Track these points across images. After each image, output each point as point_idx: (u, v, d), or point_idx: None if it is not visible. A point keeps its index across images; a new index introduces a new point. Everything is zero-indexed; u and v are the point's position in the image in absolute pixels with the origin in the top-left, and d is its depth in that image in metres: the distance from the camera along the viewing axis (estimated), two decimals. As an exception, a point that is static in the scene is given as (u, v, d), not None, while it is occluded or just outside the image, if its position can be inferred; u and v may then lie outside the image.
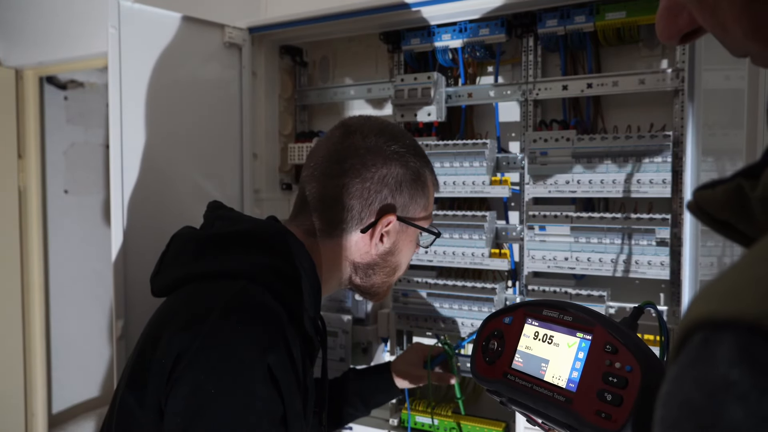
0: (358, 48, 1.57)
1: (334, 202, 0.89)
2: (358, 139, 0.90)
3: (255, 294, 0.78)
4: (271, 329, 0.75)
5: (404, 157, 0.90)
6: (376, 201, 0.89)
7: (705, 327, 0.27)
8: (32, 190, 2.29)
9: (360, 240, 0.91)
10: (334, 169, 0.89)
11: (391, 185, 0.89)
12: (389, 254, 0.94)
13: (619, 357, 0.65)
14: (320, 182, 0.90)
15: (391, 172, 0.89)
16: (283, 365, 0.74)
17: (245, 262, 0.82)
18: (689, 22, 0.40)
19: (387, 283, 0.98)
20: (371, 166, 0.88)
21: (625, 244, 1.15)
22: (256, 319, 0.75)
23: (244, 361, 0.72)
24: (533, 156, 1.23)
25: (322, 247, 0.92)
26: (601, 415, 0.64)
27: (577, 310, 0.73)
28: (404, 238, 0.94)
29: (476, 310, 1.30)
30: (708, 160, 1.09)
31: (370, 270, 0.94)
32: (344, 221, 0.89)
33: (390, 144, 0.90)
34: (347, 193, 0.88)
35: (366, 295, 0.99)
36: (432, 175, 0.97)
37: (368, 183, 0.88)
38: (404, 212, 0.92)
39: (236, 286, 0.79)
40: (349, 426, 1.47)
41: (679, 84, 1.13)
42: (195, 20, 1.38)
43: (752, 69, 0.79)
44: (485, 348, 0.80)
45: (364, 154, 0.89)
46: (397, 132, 0.94)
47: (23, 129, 2.25)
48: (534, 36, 1.27)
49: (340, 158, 0.89)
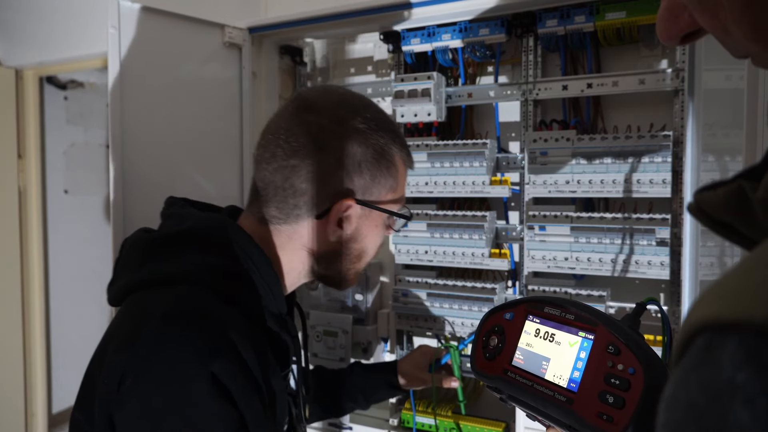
0: (358, 48, 1.57)
1: (285, 187, 0.80)
2: (312, 114, 0.81)
3: (194, 299, 0.73)
4: (211, 336, 0.69)
5: (364, 134, 0.81)
6: (332, 183, 0.80)
7: (710, 329, 0.26)
8: (32, 190, 2.29)
9: (316, 227, 0.83)
10: (283, 150, 0.80)
11: (348, 166, 0.80)
12: (351, 241, 0.85)
13: (622, 358, 0.65)
14: (269, 164, 0.81)
15: (349, 151, 0.80)
16: (231, 371, 0.68)
17: (187, 265, 0.76)
18: (690, 23, 0.40)
19: (353, 270, 0.90)
20: (326, 146, 0.79)
21: (625, 244, 1.15)
22: (194, 326, 0.70)
23: (187, 375, 0.67)
24: (533, 156, 1.24)
25: (276, 236, 0.84)
26: (603, 417, 0.63)
27: (580, 308, 0.72)
28: (368, 223, 0.86)
29: (476, 310, 1.30)
30: (708, 160, 1.09)
31: (332, 258, 0.86)
32: (297, 207, 0.81)
33: (348, 119, 0.81)
34: (298, 176, 0.79)
35: (332, 284, 0.91)
36: (402, 151, 0.87)
37: (322, 165, 0.79)
38: (366, 195, 0.83)
39: (174, 293, 0.73)
40: (349, 426, 1.48)
41: (679, 84, 1.13)
42: (195, 20, 1.38)
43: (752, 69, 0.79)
44: (485, 343, 0.80)
45: (317, 132, 0.79)
46: (358, 105, 0.84)
47: (23, 129, 2.25)
48: (534, 36, 1.27)
49: (290, 137, 0.80)
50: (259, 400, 0.72)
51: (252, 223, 0.85)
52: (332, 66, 1.61)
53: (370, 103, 0.87)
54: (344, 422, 1.48)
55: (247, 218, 0.86)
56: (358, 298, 1.49)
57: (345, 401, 1.20)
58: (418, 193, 1.36)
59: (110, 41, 1.21)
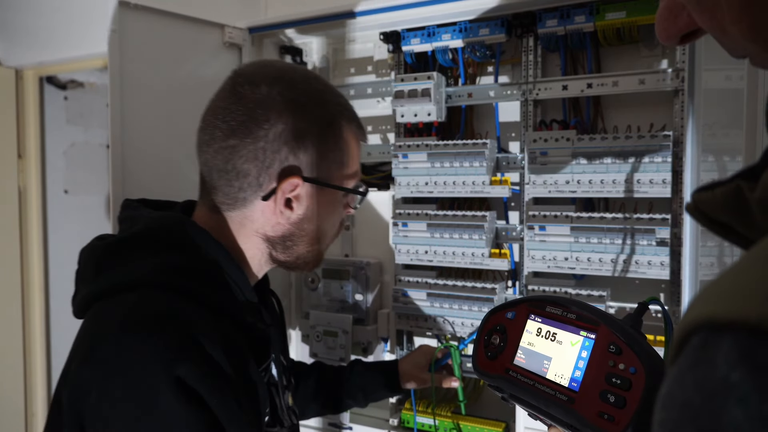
0: (358, 48, 1.58)
1: (228, 169, 0.77)
2: (248, 90, 0.77)
3: (151, 303, 0.70)
4: (173, 339, 0.67)
5: (306, 107, 0.77)
6: (275, 162, 0.76)
7: (705, 329, 0.27)
8: (32, 190, 2.29)
9: (265, 210, 0.79)
10: (221, 130, 0.77)
11: (291, 142, 0.76)
12: (305, 221, 0.81)
13: (623, 358, 0.65)
14: (209, 147, 0.78)
15: (290, 126, 0.76)
16: (198, 373, 0.66)
17: (140, 269, 0.73)
18: (689, 23, 0.40)
19: (314, 252, 0.86)
20: (264, 122, 0.75)
21: (625, 244, 1.15)
22: (154, 332, 0.67)
23: (151, 384, 0.65)
24: (533, 156, 1.24)
25: (230, 224, 0.81)
26: (604, 417, 0.63)
27: (581, 307, 0.72)
28: (322, 201, 0.81)
29: (476, 310, 1.30)
30: (708, 160, 1.09)
31: (289, 242, 0.82)
32: (242, 190, 0.77)
33: (287, 92, 0.76)
34: (239, 156, 0.76)
35: (295, 268, 0.88)
36: (351, 124, 0.82)
37: (261, 142, 0.75)
38: (314, 172, 0.79)
39: (130, 300, 0.71)
40: (349, 426, 1.48)
41: (679, 84, 1.13)
42: (195, 20, 1.38)
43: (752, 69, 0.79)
44: (487, 342, 0.80)
45: (254, 108, 0.75)
46: (298, 77, 0.79)
47: (23, 129, 2.25)
48: (534, 36, 1.27)
49: (227, 115, 0.77)
50: (234, 396, 0.70)
51: (205, 214, 0.82)
52: (332, 66, 1.61)
53: (314, 75, 0.83)
54: (344, 422, 1.48)
55: (200, 210, 0.84)
56: (358, 298, 1.49)
57: (344, 399, 1.20)
58: (418, 193, 1.36)
59: (110, 41, 1.21)
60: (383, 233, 1.53)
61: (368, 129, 1.57)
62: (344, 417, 1.47)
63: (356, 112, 0.85)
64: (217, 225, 0.81)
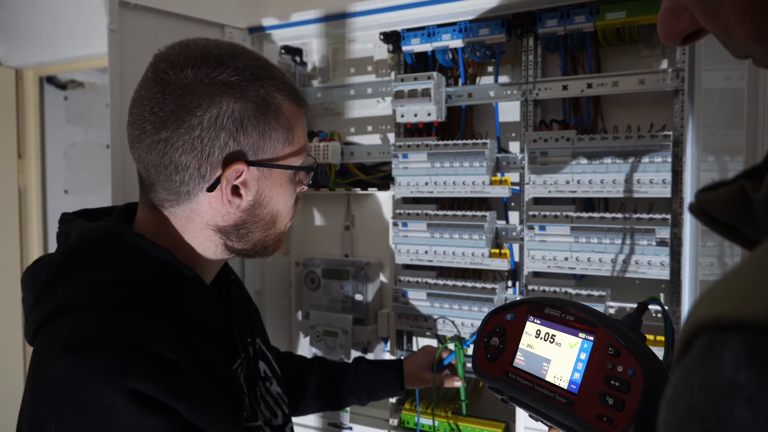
0: (358, 48, 1.57)
1: (165, 164, 0.71)
2: (172, 75, 0.71)
3: (90, 324, 0.66)
4: (119, 354, 0.64)
5: (238, 87, 0.71)
6: (215, 150, 0.71)
7: (711, 329, 0.27)
8: (32, 190, 2.29)
9: (212, 201, 0.74)
10: (151, 123, 0.71)
11: (228, 127, 0.71)
12: (257, 207, 0.77)
13: (622, 360, 0.65)
14: (141, 142, 0.72)
15: (224, 110, 0.70)
16: (155, 382, 0.63)
17: (77, 289, 0.69)
18: (691, 23, 0.39)
19: (272, 235, 0.81)
20: (195, 108, 0.69)
21: (625, 244, 1.15)
22: (98, 351, 0.64)
23: (107, 405, 0.62)
24: (533, 156, 1.23)
25: (175, 221, 0.76)
26: (603, 419, 0.63)
27: (579, 309, 0.72)
28: (271, 183, 0.77)
29: (476, 310, 1.29)
30: (708, 160, 1.09)
31: (243, 230, 0.78)
32: (184, 184, 0.72)
33: (215, 73, 0.71)
34: (174, 149, 0.70)
35: (254, 255, 0.83)
36: (291, 96, 0.76)
37: (197, 130, 0.70)
38: (259, 154, 0.74)
39: (69, 325, 0.67)
40: (349, 426, 1.48)
41: (679, 84, 1.13)
42: (195, 20, 1.38)
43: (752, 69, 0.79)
44: (487, 344, 0.80)
45: (182, 95, 0.70)
46: (225, 55, 0.73)
47: (23, 129, 2.25)
48: (534, 36, 1.27)
49: (154, 106, 0.71)
50: (205, 396, 0.68)
51: (146, 215, 0.77)
52: (332, 66, 1.61)
53: (243, 50, 0.76)
54: (344, 422, 1.48)
55: (141, 210, 0.79)
56: (358, 298, 1.49)
57: (346, 396, 1.19)
58: (418, 193, 1.36)
59: (110, 41, 1.21)
60: (383, 233, 1.53)
61: (368, 129, 1.56)
62: (344, 417, 1.47)
63: (292, 81, 0.79)
64: (160, 224, 0.76)
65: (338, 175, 1.53)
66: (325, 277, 1.54)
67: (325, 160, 1.49)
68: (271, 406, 0.90)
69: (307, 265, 1.57)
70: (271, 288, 1.60)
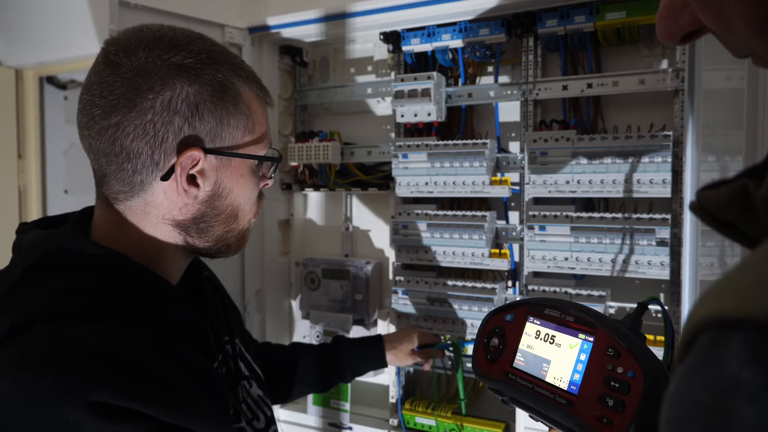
0: (358, 48, 1.57)
1: (115, 152, 0.67)
2: (123, 58, 0.67)
3: (46, 339, 0.63)
4: (74, 369, 0.60)
5: (193, 70, 0.67)
6: (169, 136, 0.67)
7: (714, 326, 0.27)
8: (32, 190, 2.29)
9: (167, 191, 0.70)
10: (100, 108, 0.67)
11: (182, 111, 0.67)
12: (216, 198, 0.73)
13: (621, 361, 0.64)
14: (91, 129, 0.68)
15: (178, 93, 0.67)
16: (121, 389, 0.60)
17: (31, 302, 0.65)
18: (691, 21, 0.39)
19: (234, 231, 0.77)
20: (147, 91, 0.66)
21: (625, 244, 1.15)
22: (55, 368, 0.60)
23: (71, 422, 0.58)
24: (533, 156, 1.23)
25: (131, 216, 0.72)
26: (603, 421, 0.63)
27: (579, 310, 0.72)
28: (230, 173, 0.73)
29: (476, 310, 1.29)
30: (708, 160, 1.09)
31: (202, 223, 0.73)
32: (136, 173, 0.68)
33: (168, 55, 0.67)
34: (125, 134, 0.66)
35: (217, 254, 0.79)
36: (250, 84, 0.73)
37: (149, 114, 0.66)
38: (217, 142, 0.70)
39: (24, 341, 0.63)
40: (349, 426, 1.48)
41: (679, 84, 1.13)
42: (195, 20, 1.37)
43: (752, 69, 0.79)
44: (486, 345, 0.80)
45: (132, 78, 0.66)
46: (180, 38, 0.69)
47: (23, 129, 2.25)
48: (534, 36, 1.27)
49: (104, 90, 0.67)
50: (184, 394, 0.66)
51: (101, 213, 0.74)
52: (332, 66, 1.61)
53: (199, 35, 0.73)
54: (344, 422, 1.48)
55: (97, 208, 0.75)
56: (358, 298, 1.49)
57: (332, 377, 1.19)
58: (418, 193, 1.36)
59: (110, 41, 1.21)
60: (383, 233, 1.53)
61: (368, 129, 1.56)
62: (344, 417, 1.47)
63: (254, 73, 0.76)
64: (116, 222, 0.72)
65: (338, 175, 1.53)
66: (325, 277, 1.54)
67: (325, 160, 1.49)
68: (252, 408, 0.88)
69: (307, 265, 1.57)
70: (271, 288, 1.60)
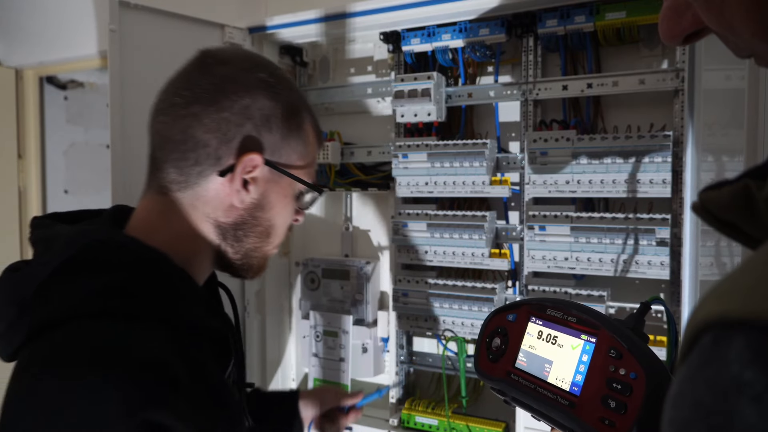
0: (358, 48, 1.57)
1: (185, 140, 0.71)
2: (216, 63, 0.74)
3: (93, 335, 0.61)
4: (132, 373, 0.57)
5: (274, 88, 0.74)
6: (237, 136, 0.71)
7: (716, 327, 0.27)
8: (32, 190, 2.29)
9: (220, 188, 0.72)
10: (183, 98, 0.71)
11: (256, 119, 0.72)
12: (259, 209, 0.75)
13: (624, 363, 0.64)
14: (166, 116, 0.72)
15: (258, 103, 0.72)
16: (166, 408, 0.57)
17: (67, 298, 0.63)
18: (693, 22, 0.39)
19: (262, 251, 0.79)
20: (232, 94, 0.71)
21: (625, 244, 1.15)
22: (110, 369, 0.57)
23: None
24: (533, 156, 1.23)
25: (179, 206, 0.73)
26: (605, 422, 0.63)
27: (581, 310, 0.72)
28: (277, 190, 0.76)
29: (476, 310, 1.30)
30: (708, 160, 1.09)
31: (240, 231, 0.75)
32: (198, 163, 0.71)
33: (257, 71, 0.74)
34: (200, 124, 0.70)
35: (240, 270, 0.80)
36: (313, 121, 0.79)
37: (226, 112, 0.70)
38: (275, 156, 0.74)
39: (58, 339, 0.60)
40: (349, 426, 1.48)
41: (679, 84, 1.13)
42: (195, 20, 1.37)
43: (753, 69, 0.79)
44: (489, 345, 0.79)
45: (222, 82, 0.72)
46: (267, 62, 0.78)
47: (23, 129, 2.25)
48: (534, 36, 1.27)
49: (192, 85, 0.72)
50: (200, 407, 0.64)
51: (147, 204, 0.75)
52: (332, 66, 1.61)
53: (279, 68, 0.81)
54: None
55: (144, 199, 0.76)
56: (358, 298, 1.49)
57: None
58: (418, 193, 1.36)
59: (110, 41, 1.21)
60: (383, 233, 1.53)
61: (368, 129, 1.56)
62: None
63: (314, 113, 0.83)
64: (161, 213, 0.74)
65: (338, 175, 1.53)
66: (325, 277, 1.54)
67: (325, 160, 1.48)
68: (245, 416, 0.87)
69: (307, 265, 1.57)
70: (271, 288, 1.60)
